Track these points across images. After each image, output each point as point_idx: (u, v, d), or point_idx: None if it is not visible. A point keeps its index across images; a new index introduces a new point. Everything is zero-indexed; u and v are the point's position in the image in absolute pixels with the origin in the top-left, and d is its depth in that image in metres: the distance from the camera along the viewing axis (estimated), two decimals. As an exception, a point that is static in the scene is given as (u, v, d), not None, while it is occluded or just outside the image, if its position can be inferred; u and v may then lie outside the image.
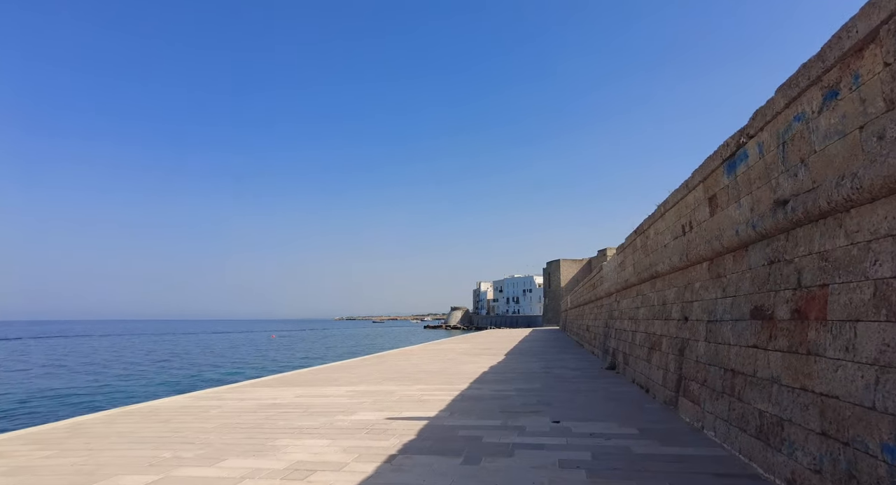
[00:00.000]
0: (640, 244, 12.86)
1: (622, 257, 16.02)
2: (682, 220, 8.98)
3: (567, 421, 7.87)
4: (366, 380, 13.93)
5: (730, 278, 6.63)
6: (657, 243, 11.01)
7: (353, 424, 7.97)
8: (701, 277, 7.95)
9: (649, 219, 11.56)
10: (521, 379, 13.49)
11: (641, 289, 12.80)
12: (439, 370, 16.25)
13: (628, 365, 13.18)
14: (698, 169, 7.85)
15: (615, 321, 16.75)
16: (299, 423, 8.12)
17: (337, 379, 14.25)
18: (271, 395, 11.42)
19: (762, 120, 5.37)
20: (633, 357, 12.61)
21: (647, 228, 11.98)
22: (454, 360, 20.37)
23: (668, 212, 9.91)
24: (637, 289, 13.41)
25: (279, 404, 10.04)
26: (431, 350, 26.67)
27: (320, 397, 11.00)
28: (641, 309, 12.52)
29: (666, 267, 9.96)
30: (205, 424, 8.19)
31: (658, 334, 10.38)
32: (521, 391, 11.16)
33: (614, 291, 17.48)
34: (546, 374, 14.71)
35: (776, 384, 4.85)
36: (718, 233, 7.00)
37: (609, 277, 19.49)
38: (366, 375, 15.23)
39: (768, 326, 5.25)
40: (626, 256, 15.11)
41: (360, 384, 12.97)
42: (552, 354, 23.00)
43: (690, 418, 7.49)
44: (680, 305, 9.03)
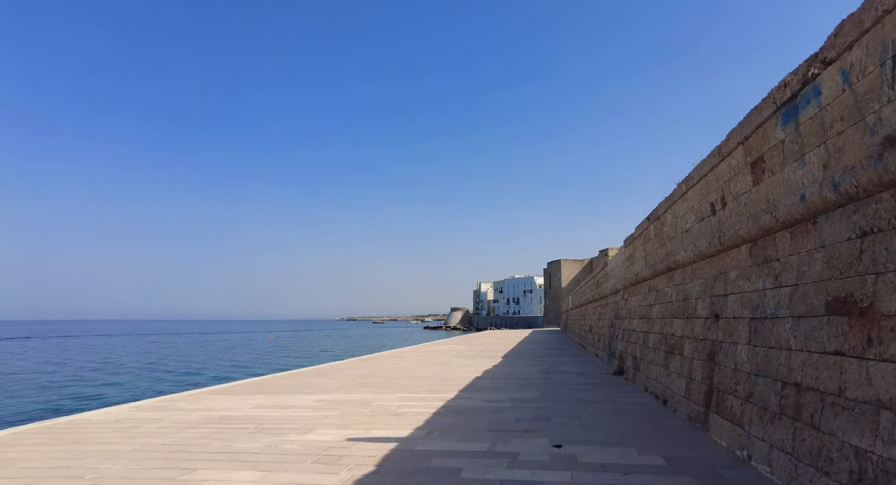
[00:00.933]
0: (654, 233, 11.27)
1: (631, 250, 14.42)
2: (710, 196, 7.38)
3: (571, 445, 6.28)
4: (343, 386, 12.34)
5: (787, 262, 5.04)
6: (676, 229, 9.41)
7: (304, 447, 6.38)
8: (739, 263, 6.36)
9: (666, 201, 9.97)
10: (518, 386, 11.89)
11: (655, 284, 11.20)
12: (427, 375, 14.66)
13: (639, 371, 11.58)
14: (736, 129, 6.26)
15: (622, 321, 15.16)
16: (239, 444, 6.53)
17: (311, 385, 12.67)
18: (227, 405, 9.84)
19: (853, 32, 3.79)
20: (646, 362, 11.02)
21: (662, 212, 10.38)
22: (446, 363, 18.78)
23: (691, 189, 8.31)
24: (649, 284, 11.81)
25: (229, 418, 8.46)
26: (424, 352, 25.08)
27: (282, 407, 9.42)
28: (655, 307, 10.92)
29: (688, 256, 8.37)
30: (123, 445, 6.61)
31: (678, 336, 8.79)
32: (517, 402, 9.56)
33: (621, 288, 15.89)
34: (546, 380, 13.11)
35: (889, 411, 3.26)
36: (767, 205, 5.41)
37: (615, 274, 17.89)
38: (345, 380, 13.64)
39: (863, 324, 3.66)
40: (636, 249, 13.52)
41: (334, 392, 11.38)
42: (553, 356, 21.40)
43: (729, 443, 5.89)
44: (708, 301, 7.44)
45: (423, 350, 26.55)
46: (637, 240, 13.38)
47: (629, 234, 14.22)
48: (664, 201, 10.21)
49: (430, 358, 21.17)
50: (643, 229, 12.44)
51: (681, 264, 9.01)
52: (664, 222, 10.35)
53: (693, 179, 8.14)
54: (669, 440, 6.43)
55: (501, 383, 12.47)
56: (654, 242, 11.37)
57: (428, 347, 29.95)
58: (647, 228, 12.03)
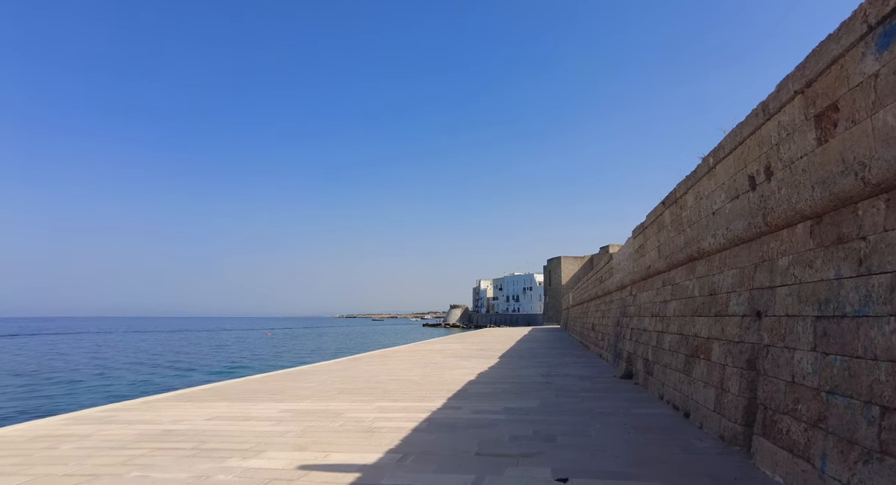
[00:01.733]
0: (671, 219, 9.91)
1: (641, 241, 13.06)
2: (749, 168, 6.02)
3: (581, 477, 4.92)
4: (319, 392, 11.00)
5: (881, 241, 3.68)
6: (700, 212, 8.04)
7: (239, 479, 5.02)
8: (794, 246, 4.99)
9: (687, 180, 8.60)
10: (515, 392, 10.54)
11: (671, 277, 9.84)
12: (416, 378, 13.31)
13: (652, 375, 10.22)
14: (793, 74, 4.89)
15: (630, 319, 13.81)
16: (159, 474, 5.18)
17: (284, 390, 11.32)
18: (179, 415, 8.49)
19: None
20: (660, 366, 9.66)
21: (682, 194, 9.01)
22: (439, 364, 17.43)
23: (721, 163, 6.94)
24: (664, 277, 10.45)
25: (171, 434, 7.11)
26: (418, 351, 23.75)
27: (240, 419, 8.06)
28: (672, 303, 9.56)
29: (717, 242, 7.01)
30: (12, 477, 5.26)
31: (703, 337, 7.42)
32: (513, 414, 8.21)
33: (629, 282, 14.53)
34: (546, 385, 11.76)
35: None
36: (844, 167, 4.05)
37: (621, 267, 16.54)
38: (323, 384, 12.29)
39: None
40: (648, 239, 12.16)
41: (307, 399, 10.03)
42: (553, 356, 20.06)
43: (788, 479, 4.53)
44: (745, 295, 6.08)
45: (417, 349, 25.22)
46: (649, 229, 12.01)
47: (642, 221, 12.85)
48: (684, 181, 8.84)
49: (423, 358, 19.83)
50: (656, 216, 11.08)
51: (706, 253, 7.65)
52: (683, 206, 8.99)
53: (724, 150, 6.77)
54: (704, 471, 5.08)
55: (497, 389, 11.12)
56: (670, 230, 10.01)
57: (422, 345, 28.62)
58: (661, 214, 10.66)
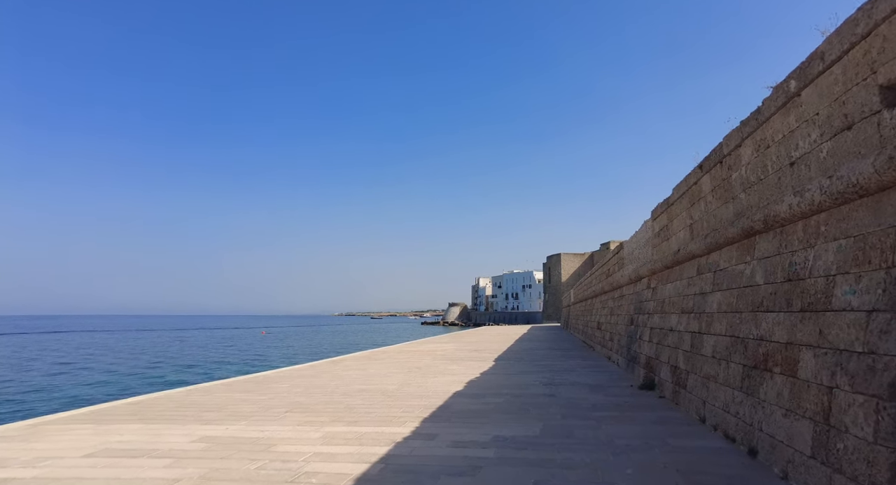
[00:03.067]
0: (713, 185, 7.62)
1: (664, 221, 10.79)
2: (886, 72, 3.74)
3: None
4: (265, 409, 8.74)
5: None
6: (767, 166, 5.75)
7: None
8: None
9: (744, 127, 6.31)
10: (510, 410, 8.28)
11: (714, 261, 7.56)
12: (393, 388, 11.05)
13: (687, 389, 7.95)
14: None
15: (649, 317, 11.54)
16: None
17: (224, 406, 9.07)
18: (49, 449, 6.22)
19: None
20: (699, 377, 7.39)
21: (733, 148, 6.73)
22: (425, 368, 15.17)
23: (817, 81, 4.66)
24: (700, 262, 8.18)
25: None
26: (406, 352, 21.49)
27: (130, 456, 5.80)
28: (715, 295, 7.28)
29: (805, 202, 4.73)
30: None
31: (777, 341, 5.14)
32: (505, 448, 5.93)
33: (647, 273, 12.26)
34: (549, 398, 9.49)
35: None
36: None
37: (635, 257, 14.27)
38: (277, 397, 10.03)
39: None
40: (675, 217, 9.89)
41: (242, 421, 7.76)
42: (555, 359, 17.80)
43: None
44: (874, 277, 3.81)
45: (406, 350, 22.95)
46: (676, 205, 9.74)
47: (668, 196, 10.55)
48: (737, 130, 6.55)
49: (409, 361, 17.56)
50: (689, 186, 8.79)
51: (779, 222, 5.36)
52: (735, 164, 6.70)
53: (823, 60, 4.49)
54: None
55: (488, 404, 8.85)
56: (710, 201, 7.73)
57: (413, 346, 26.36)
58: (695, 182, 8.39)
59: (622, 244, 16.50)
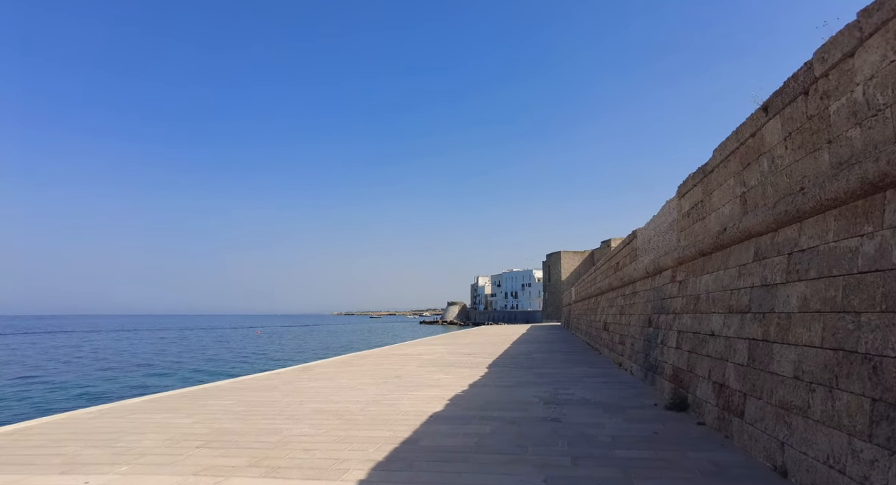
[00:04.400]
0: (787, 133, 5.35)
1: (697, 196, 8.55)
2: None
3: None
4: (173, 444, 6.49)
5: None
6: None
7: None
8: None
9: (868, 16, 4.07)
10: (499, 449, 6.03)
11: (789, 239, 5.29)
12: (356, 410, 8.80)
13: (744, 419, 5.70)
14: None
15: (676, 317, 9.31)
16: None
17: (122, 433, 6.83)
18: None
19: None
20: (772, 407, 5.14)
21: (840, 59, 4.47)
22: (406, 378, 12.93)
23: None
24: (763, 243, 5.91)
25: None
26: (391, 357, 19.24)
27: None
28: (791, 288, 5.02)
29: None
30: None
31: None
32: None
33: (672, 264, 10.01)
34: (553, 426, 7.24)
35: None
36: None
37: (653, 246, 12.02)
38: (205, 420, 7.77)
39: None
40: (715, 190, 7.64)
41: (124, 465, 5.52)
42: (557, 364, 15.56)
43: None
44: None
45: (391, 354, 20.70)
46: (718, 172, 7.49)
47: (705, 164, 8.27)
48: (850, 28, 4.31)
49: (391, 367, 15.32)
50: (741, 142, 6.53)
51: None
52: (841, 85, 4.45)
53: None
54: None
55: (470, 438, 6.58)
56: (782, 154, 5.48)
57: (400, 348, 24.10)
58: (754, 133, 6.13)
59: (635, 233, 14.25)
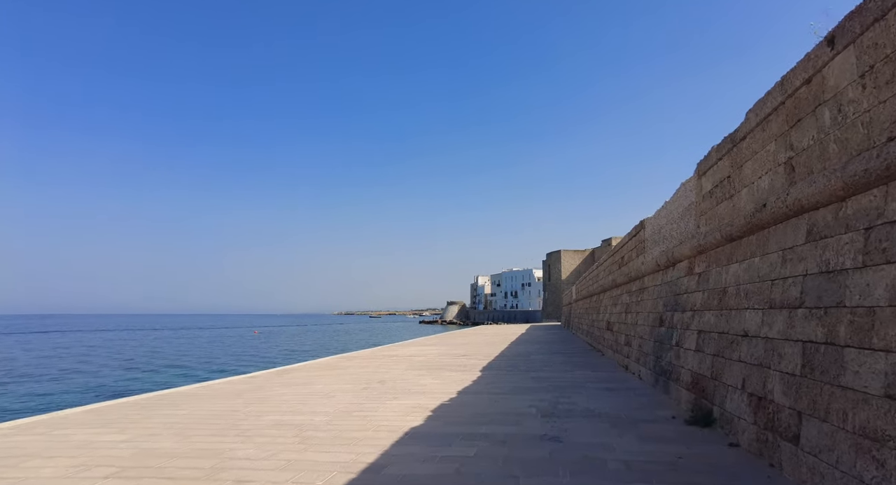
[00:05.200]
0: (869, 65, 4.04)
1: (723, 172, 7.22)
2: None
3: None
4: (78, 471, 5.19)
5: None
6: None
7: None
8: None
9: None
10: (485, 479, 4.73)
11: (870, 208, 4.00)
12: (321, 424, 7.48)
13: (800, 446, 4.39)
14: None
15: (695, 315, 7.98)
16: None
17: (12, 465, 5.52)
18: None
19: None
20: (848, 434, 3.84)
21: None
22: (390, 383, 11.62)
23: None
24: (821, 218, 4.59)
25: None
26: (379, 358, 17.93)
27: None
28: (875, 275, 3.72)
29: None
30: None
31: None
32: None
33: (689, 253, 8.68)
34: (553, 447, 5.92)
35: None
36: None
37: (667, 234, 10.70)
38: (144, 435, 6.46)
39: None
40: (749, 160, 6.31)
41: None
42: (557, 368, 14.25)
43: None
44: None
45: (380, 355, 19.39)
46: (753, 138, 6.16)
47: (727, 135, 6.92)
48: None
49: (377, 371, 14.01)
50: (787, 94, 5.20)
51: None
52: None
53: None
54: None
55: (446, 467, 5.25)
56: (856, 98, 4.16)
57: (391, 349, 22.79)
58: (811, 77, 4.80)
59: (643, 223, 12.92)
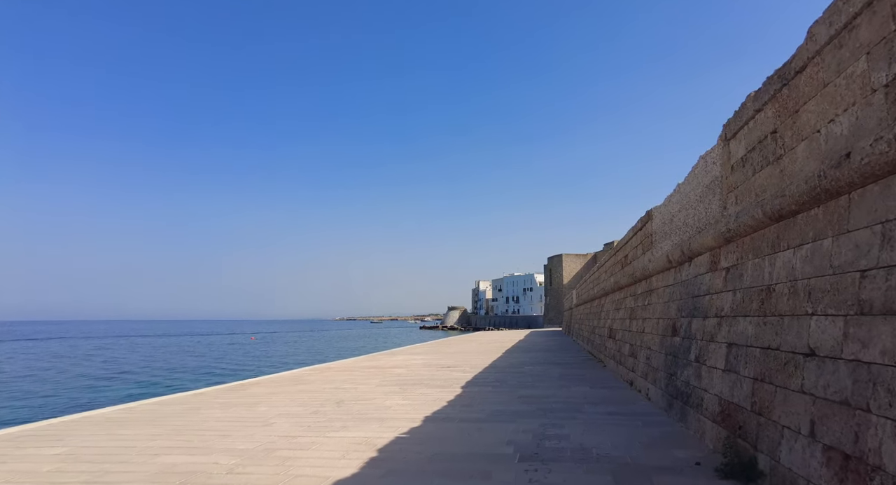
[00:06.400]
0: None
1: (764, 128, 5.31)
2: None
3: None
4: None
5: None
6: None
7: None
8: None
9: None
10: None
11: None
12: (226, 469, 5.57)
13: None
14: None
15: (721, 322, 6.05)
16: None
17: None
18: None
19: None
20: None
21: None
22: (346, 404, 9.71)
23: None
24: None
25: None
26: (351, 371, 16.01)
27: None
28: None
29: None
30: None
31: None
32: None
33: (712, 244, 6.75)
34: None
35: None
36: None
37: (681, 223, 8.76)
38: None
39: None
40: (815, 97, 4.41)
41: None
42: (552, 384, 12.31)
43: None
44: None
45: (359, 366, 17.45)
46: (814, 69, 4.28)
47: (773, 74, 5.00)
48: None
49: (343, 386, 12.09)
50: None
51: None
52: None
53: None
54: None
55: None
56: None
57: (375, 359, 20.84)
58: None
59: (650, 213, 11.00)
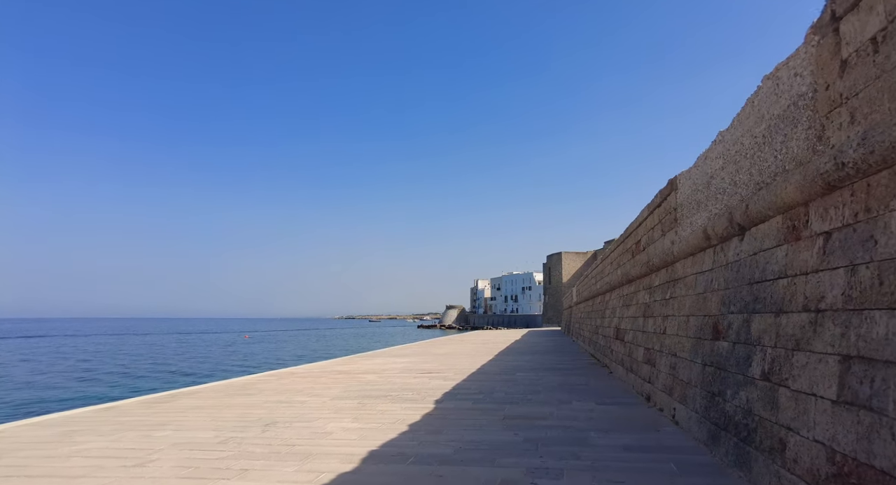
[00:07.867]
0: None
1: (887, 50, 2.95)
2: None
3: None
4: None
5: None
6: None
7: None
8: None
9: None
10: None
11: None
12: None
13: None
14: None
15: (823, 323, 3.72)
16: None
17: None
18: None
19: None
20: None
21: None
22: (275, 429, 7.37)
23: None
24: None
25: None
26: (324, 374, 13.70)
27: None
28: None
29: None
30: None
31: None
32: None
33: (794, 200, 4.38)
34: None
35: None
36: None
37: (715, 191, 6.37)
38: None
39: None
40: None
41: None
42: (548, 395, 9.97)
43: None
44: None
45: (327, 370, 15.11)
46: None
47: None
48: None
49: (291, 399, 9.78)
50: None
51: None
52: None
53: None
54: None
55: None
56: None
57: (350, 361, 18.49)
58: None
59: (674, 182, 8.63)
